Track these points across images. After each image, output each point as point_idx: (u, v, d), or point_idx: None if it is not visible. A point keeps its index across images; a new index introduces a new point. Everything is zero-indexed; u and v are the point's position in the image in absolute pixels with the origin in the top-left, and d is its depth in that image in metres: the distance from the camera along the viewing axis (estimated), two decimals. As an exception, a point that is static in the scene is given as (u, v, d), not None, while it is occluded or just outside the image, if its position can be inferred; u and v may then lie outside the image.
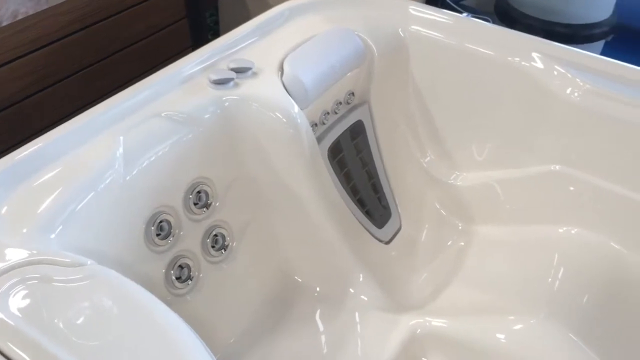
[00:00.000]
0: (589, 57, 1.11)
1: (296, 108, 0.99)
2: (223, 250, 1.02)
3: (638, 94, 1.05)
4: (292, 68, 1.02)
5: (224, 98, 0.96)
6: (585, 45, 1.81)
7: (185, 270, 0.95)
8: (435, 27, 1.20)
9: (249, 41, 1.11)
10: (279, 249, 1.11)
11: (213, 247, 1.00)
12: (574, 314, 1.04)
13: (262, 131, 0.98)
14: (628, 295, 1.07)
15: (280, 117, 0.97)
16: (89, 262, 0.67)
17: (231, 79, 0.98)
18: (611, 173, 1.10)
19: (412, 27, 1.22)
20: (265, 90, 0.98)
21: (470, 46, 1.17)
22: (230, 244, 1.03)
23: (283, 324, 1.08)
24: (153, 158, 0.86)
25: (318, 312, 1.10)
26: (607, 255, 1.12)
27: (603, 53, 1.90)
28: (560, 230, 1.17)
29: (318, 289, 1.12)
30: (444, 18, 1.21)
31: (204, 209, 0.97)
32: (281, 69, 1.04)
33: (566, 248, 1.15)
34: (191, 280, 0.96)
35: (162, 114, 0.91)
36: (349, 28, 1.17)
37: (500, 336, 1.02)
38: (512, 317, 1.04)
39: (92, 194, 0.78)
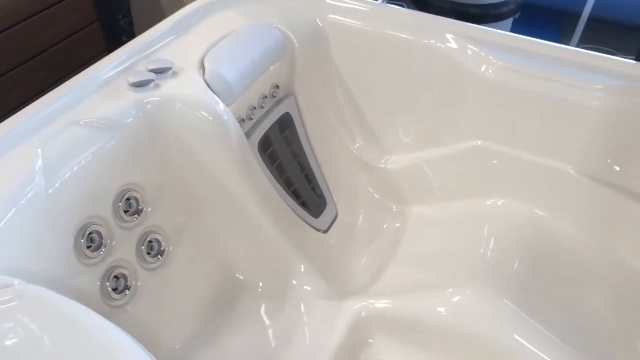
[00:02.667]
0: (499, 35, 1.16)
1: (222, 105, 0.98)
2: (160, 256, 1.00)
3: (548, 67, 1.11)
4: (214, 65, 1.01)
5: (146, 101, 0.94)
6: (496, 23, 1.88)
7: (122, 281, 0.93)
8: (353, 15, 1.22)
9: (167, 40, 1.08)
10: (218, 249, 1.10)
11: (149, 254, 0.98)
12: (507, 281, 1.09)
13: (189, 131, 0.97)
14: (554, 257, 1.13)
15: (206, 115, 0.96)
16: (16, 282, 0.64)
17: (151, 81, 0.95)
18: (529, 144, 1.16)
19: (330, 16, 1.23)
20: (187, 89, 0.96)
21: (388, 32, 1.20)
22: (167, 249, 1.01)
23: (229, 323, 1.07)
24: (76, 169, 0.83)
25: (263, 307, 1.09)
26: (533, 223, 1.18)
27: (512, 30, 1.98)
28: (488, 203, 1.22)
29: (261, 284, 1.12)
30: (360, 5, 1.23)
31: (136, 216, 0.95)
32: (202, 67, 1.02)
33: (495, 219, 1.20)
34: (129, 290, 0.93)
35: (82, 122, 0.87)
36: (267, 22, 1.16)
37: (441, 310, 1.05)
38: (450, 290, 1.08)
39: (13, 211, 0.75)
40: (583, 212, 1.15)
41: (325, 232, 1.24)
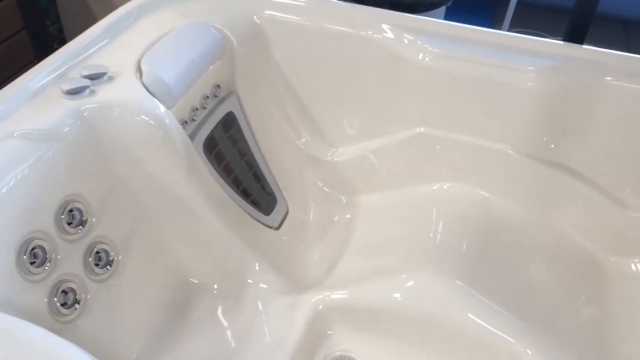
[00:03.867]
0: (434, 23, 1.19)
1: (162, 108, 0.96)
2: (108, 267, 0.97)
3: (482, 51, 1.14)
4: (151, 67, 0.99)
5: (82, 108, 0.91)
6: (429, 12, 1.93)
7: (71, 295, 0.90)
8: (289, 10, 1.22)
9: (100, 44, 1.06)
10: (169, 254, 1.08)
11: (97, 265, 0.95)
12: (456, 261, 1.12)
13: (130, 137, 0.94)
14: (499, 235, 1.18)
15: (147, 119, 0.94)
16: (-44, 306, 0.61)
17: (86, 87, 0.92)
18: (469, 127, 1.19)
19: (266, 12, 1.22)
20: (125, 94, 0.94)
21: (325, 25, 1.20)
22: (115, 258, 0.98)
23: (185, 328, 1.05)
24: (12, 183, 0.80)
25: (220, 309, 1.09)
26: (478, 203, 1.22)
27: (446, 18, 2.03)
28: (434, 187, 1.25)
29: (216, 286, 1.11)
30: (296, 0, 1.23)
31: (80, 227, 0.92)
32: (139, 70, 1.00)
33: (442, 203, 1.23)
34: (78, 304, 0.91)
35: (15, 134, 0.84)
36: (203, 21, 1.15)
37: (396, 295, 1.07)
38: (404, 276, 1.10)
39: (-53, 232, 0.71)
40: (523, 189, 1.19)
41: (277, 228, 1.24)
